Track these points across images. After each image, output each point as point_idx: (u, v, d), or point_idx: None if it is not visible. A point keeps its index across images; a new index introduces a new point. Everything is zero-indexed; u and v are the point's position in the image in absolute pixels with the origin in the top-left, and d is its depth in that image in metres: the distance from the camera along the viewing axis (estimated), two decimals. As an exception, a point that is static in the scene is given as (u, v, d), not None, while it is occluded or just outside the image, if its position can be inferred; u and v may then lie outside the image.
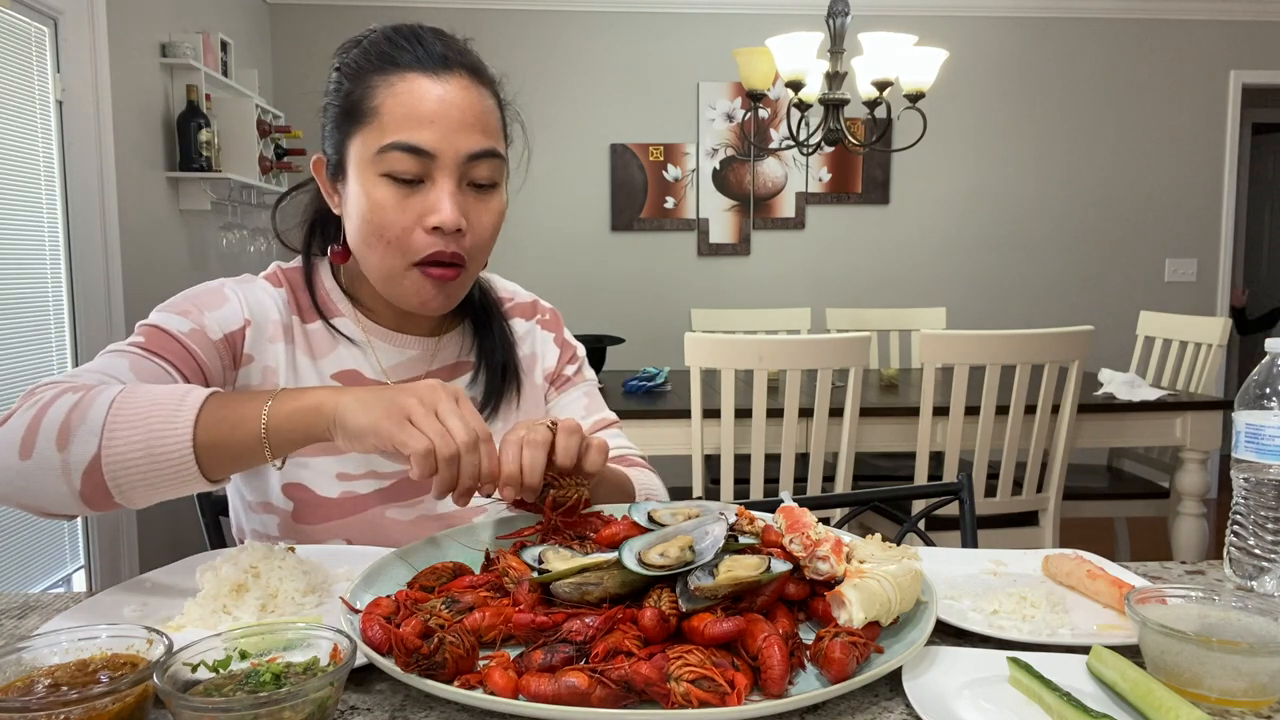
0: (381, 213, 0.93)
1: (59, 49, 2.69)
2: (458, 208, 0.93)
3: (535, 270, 4.52)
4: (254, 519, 1.04)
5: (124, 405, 0.80)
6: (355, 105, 0.95)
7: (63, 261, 2.75)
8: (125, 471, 0.79)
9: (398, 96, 0.92)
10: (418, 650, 0.63)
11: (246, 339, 1.01)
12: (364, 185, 0.94)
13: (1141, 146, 4.72)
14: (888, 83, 2.79)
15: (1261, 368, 0.88)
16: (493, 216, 0.98)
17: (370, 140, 0.93)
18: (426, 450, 0.75)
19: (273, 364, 1.03)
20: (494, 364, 1.11)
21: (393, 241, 0.94)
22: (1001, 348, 2.44)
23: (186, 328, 0.97)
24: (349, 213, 0.98)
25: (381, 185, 0.93)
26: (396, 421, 0.76)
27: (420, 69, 0.93)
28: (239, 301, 1.02)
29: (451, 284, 0.98)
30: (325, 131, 1.01)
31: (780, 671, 0.62)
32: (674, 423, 2.64)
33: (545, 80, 4.46)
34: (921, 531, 1.30)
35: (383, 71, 0.94)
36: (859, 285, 4.69)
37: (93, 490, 0.79)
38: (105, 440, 0.78)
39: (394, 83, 0.93)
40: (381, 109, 0.92)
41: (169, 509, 3.36)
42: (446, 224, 0.92)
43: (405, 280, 0.97)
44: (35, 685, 0.62)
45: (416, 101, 0.92)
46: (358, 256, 1.00)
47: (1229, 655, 0.65)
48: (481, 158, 0.94)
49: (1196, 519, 2.80)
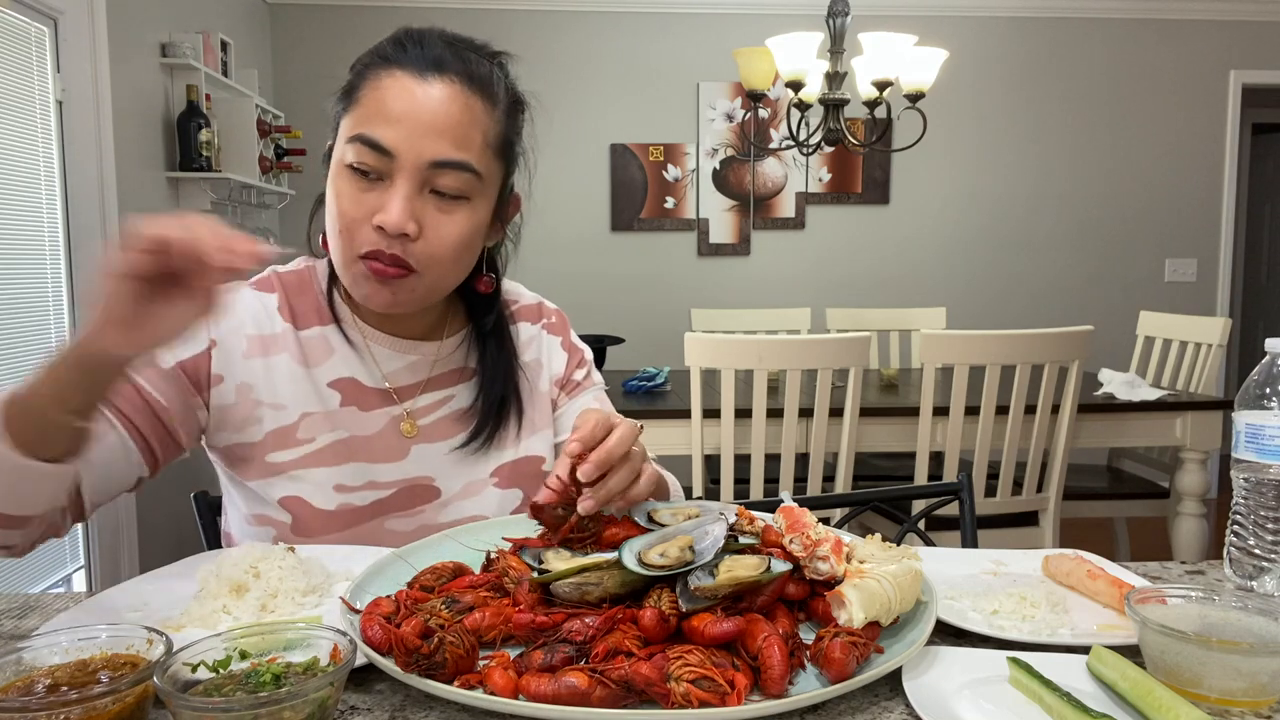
0: (339, 201, 0.93)
1: (59, 49, 2.69)
2: (408, 212, 0.90)
3: (535, 270, 4.51)
4: (250, 531, 1.03)
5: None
6: (346, 94, 0.96)
7: (63, 261, 2.75)
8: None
9: (377, 90, 0.92)
10: (418, 650, 0.63)
11: (213, 360, 1.00)
12: (333, 172, 0.95)
13: (1142, 146, 4.72)
14: (888, 83, 2.79)
15: (1261, 368, 0.88)
16: (456, 229, 0.94)
17: (345, 129, 0.93)
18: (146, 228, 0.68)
19: (249, 380, 1.01)
20: (495, 374, 1.09)
21: (343, 232, 0.93)
22: (1001, 348, 2.44)
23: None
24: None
25: (344, 175, 0.93)
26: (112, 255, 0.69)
27: (409, 68, 0.92)
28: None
29: (396, 283, 0.93)
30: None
31: (780, 671, 0.62)
32: (674, 423, 2.64)
33: (545, 80, 4.46)
34: (921, 531, 1.30)
35: (375, 65, 0.94)
36: (859, 285, 4.69)
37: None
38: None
39: (380, 77, 0.92)
40: (362, 100, 0.93)
41: (169, 509, 3.35)
42: (388, 225, 0.90)
43: (352, 271, 0.94)
44: (35, 685, 0.62)
45: (391, 99, 0.91)
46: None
47: (1229, 655, 0.65)
48: (447, 167, 0.91)
49: (1196, 519, 2.80)
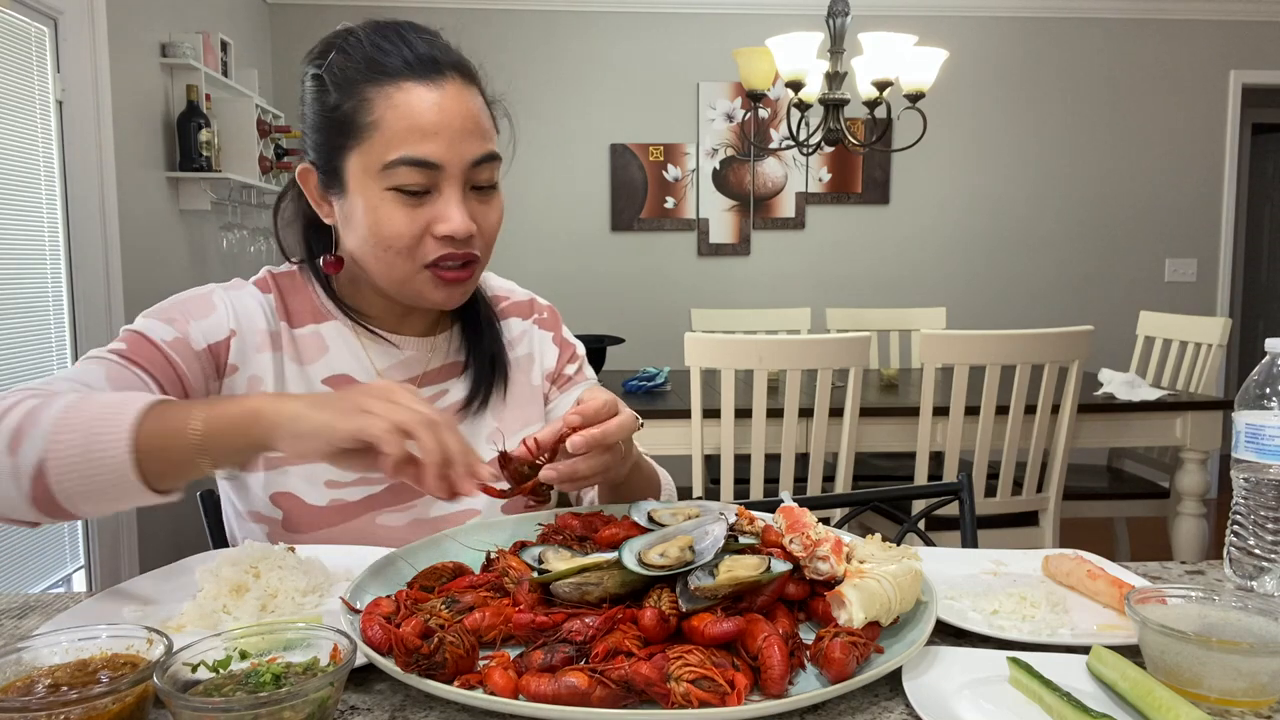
0: (392, 225, 0.92)
1: (59, 49, 2.69)
2: (467, 215, 0.94)
3: (535, 270, 4.52)
4: (245, 528, 1.03)
5: (72, 411, 0.78)
6: (349, 118, 0.92)
7: (63, 261, 2.75)
8: (68, 476, 0.77)
9: (397, 109, 0.91)
10: (418, 650, 0.63)
11: (231, 349, 1.00)
12: (369, 200, 0.93)
13: (1141, 146, 4.72)
14: (888, 83, 2.79)
15: (1261, 368, 0.88)
16: (496, 214, 1.00)
17: (373, 155, 0.91)
18: (390, 426, 0.73)
19: (259, 373, 1.01)
20: (483, 361, 1.11)
21: (402, 250, 0.94)
22: (1001, 348, 2.44)
23: (170, 336, 0.95)
24: (351, 224, 0.96)
25: (389, 200, 0.92)
26: (352, 413, 0.74)
27: (413, 76, 0.91)
28: (226, 310, 1.01)
29: (467, 280, 0.99)
30: (311, 142, 0.97)
31: (780, 671, 0.62)
32: (674, 423, 2.64)
33: (545, 80, 4.46)
34: (921, 531, 1.30)
35: (375, 81, 0.91)
36: (859, 285, 4.69)
37: (40, 495, 0.78)
38: (50, 444, 0.77)
39: (390, 94, 0.91)
40: (382, 122, 0.91)
41: (169, 509, 3.36)
42: (458, 233, 0.93)
43: (417, 282, 0.97)
44: (35, 685, 0.62)
45: (418, 114, 0.91)
46: (362, 264, 0.99)
47: (1229, 655, 0.65)
48: (483, 162, 0.95)
49: (1196, 519, 2.80)
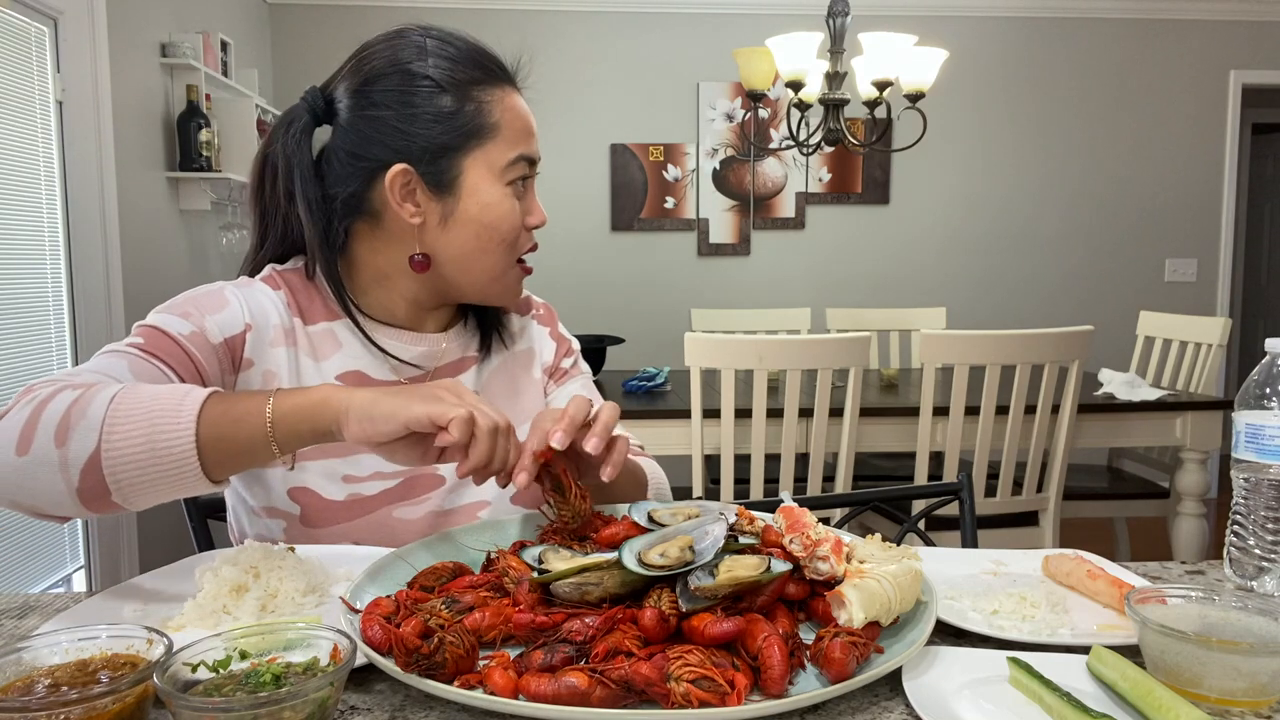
0: (510, 218, 1.02)
1: (59, 49, 2.69)
2: None
3: (535, 270, 4.49)
4: (259, 524, 1.03)
5: (125, 401, 0.79)
6: (471, 120, 0.99)
7: (63, 261, 2.75)
8: (124, 467, 0.78)
9: (511, 111, 1.01)
10: (418, 650, 0.63)
11: (247, 343, 1.01)
12: (491, 195, 1.01)
13: (1141, 146, 4.72)
14: (888, 83, 2.79)
15: (1261, 368, 0.88)
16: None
17: (496, 153, 1.00)
18: (467, 416, 0.78)
19: (274, 368, 1.02)
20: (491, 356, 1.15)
21: (509, 242, 1.03)
22: (1001, 348, 2.44)
23: (187, 330, 0.96)
24: (454, 222, 1.00)
25: (509, 194, 1.02)
26: (427, 399, 0.79)
27: (510, 81, 1.03)
28: (240, 305, 1.01)
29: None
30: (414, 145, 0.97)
31: (780, 671, 0.62)
32: (674, 423, 2.64)
33: (545, 80, 4.46)
34: (921, 531, 1.30)
35: (484, 85, 1.00)
36: (859, 285, 4.69)
37: (91, 487, 0.78)
38: (105, 435, 0.77)
39: (501, 98, 1.01)
40: (502, 123, 1.00)
41: (169, 510, 3.34)
42: (544, 221, 1.07)
43: (508, 277, 1.06)
44: (35, 685, 0.62)
45: (523, 115, 1.03)
46: (464, 261, 1.03)
47: (1229, 655, 0.65)
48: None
49: (1196, 519, 2.80)
